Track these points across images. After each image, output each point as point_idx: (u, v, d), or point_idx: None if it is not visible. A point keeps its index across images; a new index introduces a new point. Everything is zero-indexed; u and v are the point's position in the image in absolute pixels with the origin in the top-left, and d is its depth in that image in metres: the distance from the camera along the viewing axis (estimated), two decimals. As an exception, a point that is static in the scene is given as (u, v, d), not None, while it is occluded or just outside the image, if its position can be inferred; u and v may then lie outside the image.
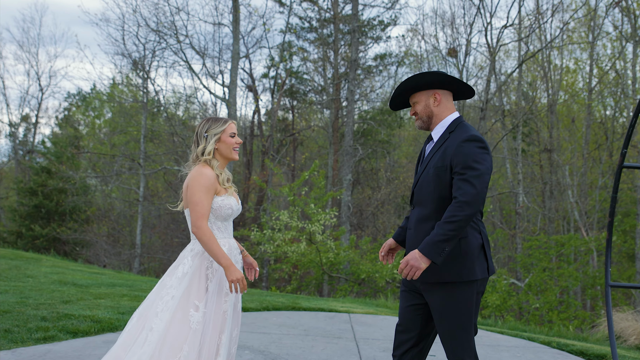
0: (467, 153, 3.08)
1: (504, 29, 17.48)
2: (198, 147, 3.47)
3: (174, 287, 3.27)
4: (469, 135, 3.15)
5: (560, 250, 16.78)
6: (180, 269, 3.33)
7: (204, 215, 3.29)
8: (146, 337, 3.16)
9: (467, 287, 3.14)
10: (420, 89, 3.34)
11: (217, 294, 3.30)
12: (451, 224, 2.98)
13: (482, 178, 3.04)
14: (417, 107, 3.36)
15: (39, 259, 13.78)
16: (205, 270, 3.33)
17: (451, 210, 3.00)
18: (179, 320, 3.17)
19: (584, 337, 8.95)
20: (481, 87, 23.81)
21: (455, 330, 3.17)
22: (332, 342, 6.12)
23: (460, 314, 3.15)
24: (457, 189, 3.04)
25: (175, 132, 22.10)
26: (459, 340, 3.18)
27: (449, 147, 3.18)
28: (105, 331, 5.97)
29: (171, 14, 20.53)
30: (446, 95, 3.34)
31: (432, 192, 3.19)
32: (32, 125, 34.39)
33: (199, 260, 3.34)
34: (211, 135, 3.46)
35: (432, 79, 3.27)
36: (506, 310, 15.07)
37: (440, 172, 3.16)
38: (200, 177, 3.33)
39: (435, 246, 2.99)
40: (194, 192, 3.31)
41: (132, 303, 7.69)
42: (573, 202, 20.96)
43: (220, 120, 3.52)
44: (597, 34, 21.88)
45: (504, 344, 6.79)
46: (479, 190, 3.02)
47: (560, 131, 23.55)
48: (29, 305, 6.91)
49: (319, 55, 25.38)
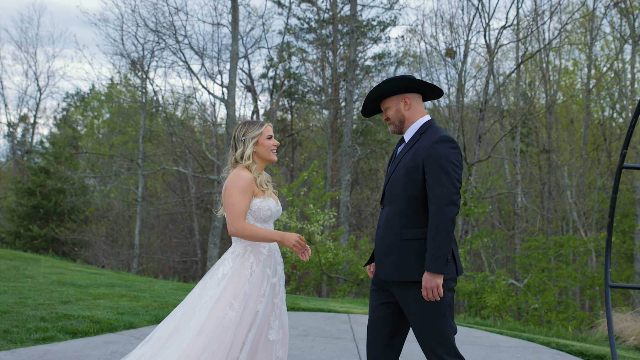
0: (439, 154, 3.15)
1: (502, 29, 17.49)
2: (236, 151, 3.50)
3: (213, 287, 3.34)
4: (440, 136, 3.21)
5: (559, 250, 16.81)
6: (220, 270, 3.40)
7: (239, 215, 3.34)
8: (182, 334, 3.24)
9: (442, 284, 3.18)
10: (390, 95, 3.41)
11: (254, 295, 3.36)
12: (439, 234, 3.07)
13: (455, 178, 3.13)
14: (388, 113, 3.44)
15: (37, 259, 13.75)
16: (245, 272, 3.39)
17: (434, 221, 3.08)
18: (214, 319, 3.23)
19: (583, 337, 8.96)
20: (480, 87, 23.84)
21: (431, 329, 3.21)
22: (331, 342, 6.11)
23: (434, 312, 3.19)
24: (432, 192, 3.11)
25: (174, 132, 22.08)
26: (436, 339, 3.20)
27: (420, 148, 3.24)
28: (105, 331, 5.96)
29: (170, 14, 20.51)
30: (416, 99, 3.42)
31: (403, 191, 3.25)
32: (31, 125, 34.36)
33: (239, 262, 3.41)
34: (249, 138, 3.50)
35: (401, 83, 3.36)
36: (505, 310, 15.09)
37: (411, 172, 3.22)
38: (237, 179, 3.39)
39: (437, 260, 3.07)
40: (231, 193, 3.37)
41: (132, 303, 7.68)
42: (572, 203, 20.98)
43: (256, 123, 3.55)
44: (595, 35, 21.91)
45: (503, 344, 6.79)
46: (455, 191, 3.10)
47: (559, 132, 23.57)
48: (28, 305, 6.90)
49: (317, 56, 25.39)
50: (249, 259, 3.41)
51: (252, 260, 3.41)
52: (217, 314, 3.24)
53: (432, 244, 3.08)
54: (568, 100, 23.25)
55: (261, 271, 3.41)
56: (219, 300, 3.28)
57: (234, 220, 3.34)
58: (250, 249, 3.44)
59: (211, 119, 25.47)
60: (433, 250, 3.07)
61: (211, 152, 23.97)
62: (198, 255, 24.52)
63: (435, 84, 22.72)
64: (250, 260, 3.41)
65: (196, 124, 27.79)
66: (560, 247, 16.92)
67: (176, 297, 8.65)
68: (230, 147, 3.59)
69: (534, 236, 19.00)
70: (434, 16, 26.18)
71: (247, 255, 3.42)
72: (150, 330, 6.19)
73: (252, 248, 3.45)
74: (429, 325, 3.20)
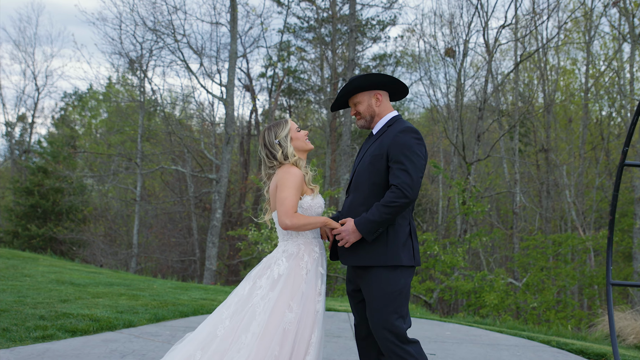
0: (403, 143, 3.26)
1: (501, 28, 17.48)
2: (277, 155, 3.48)
3: (264, 288, 3.31)
4: (405, 127, 3.35)
5: (558, 249, 16.81)
6: (275, 270, 3.36)
7: (292, 208, 3.32)
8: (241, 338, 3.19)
9: (394, 271, 3.27)
10: (364, 89, 3.51)
11: (311, 295, 3.34)
12: (389, 207, 3.17)
13: (417, 167, 3.22)
14: (359, 107, 3.54)
15: (35, 258, 13.72)
16: (301, 272, 3.36)
17: (390, 196, 3.18)
18: (274, 322, 3.20)
19: (583, 336, 8.96)
20: (478, 87, 23.85)
21: (382, 315, 3.25)
22: (331, 340, 6.10)
23: (388, 298, 3.25)
24: (395, 178, 3.21)
25: (173, 131, 22.05)
26: (386, 325, 3.24)
27: (385, 137, 3.36)
28: (104, 330, 5.95)
29: (168, 13, 20.48)
30: (385, 96, 3.55)
31: (368, 179, 3.35)
32: (29, 125, 34.31)
33: (294, 262, 3.38)
34: (283, 138, 3.51)
35: (377, 80, 3.47)
36: (504, 309, 15.08)
37: (376, 160, 3.33)
38: (289, 176, 3.38)
39: (371, 224, 3.19)
40: (283, 188, 3.35)
41: (131, 302, 7.66)
42: (570, 202, 20.99)
43: (281, 123, 3.57)
44: (593, 34, 21.93)
45: (504, 342, 6.78)
46: (415, 179, 3.19)
47: (557, 131, 23.58)
48: (27, 304, 6.87)
49: (316, 55, 25.38)
50: (304, 259, 3.39)
51: (307, 259, 3.39)
52: (276, 316, 3.21)
53: (375, 210, 3.19)
54: (566, 99, 23.27)
55: (315, 270, 3.40)
56: (277, 302, 3.24)
57: (287, 212, 3.30)
58: (304, 248, 3.43)
59: (210, 118, 25.45)
60: (372, 215, 3.19)
61: (210, 151, 23.94)
62: (196, 255, 24.49)
63: (434, 83, 22.72)
64: (304, 260, 3.39)
65: (194, 123, 27.76)
66: (558, 246, 16.93)
67: (175, 296, 8.63)
68: (263, 156, 3.56)
69: (533, 235, 18.98)
70: (433, 15, 26.17)
71: (301, 254, 3.40)
72: (150, 329, 6.18)
73: (306, 247, 3.43)
74: (379, 311, 3.25)
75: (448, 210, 22.70)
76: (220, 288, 11.31)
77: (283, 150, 3.48)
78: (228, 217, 23.40)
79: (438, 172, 17.93)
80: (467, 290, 15.06)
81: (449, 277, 16.09)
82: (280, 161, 3.48)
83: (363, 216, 3.22)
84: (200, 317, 7.07)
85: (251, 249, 17.85)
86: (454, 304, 19.11)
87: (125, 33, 23.45)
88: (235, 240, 22.32)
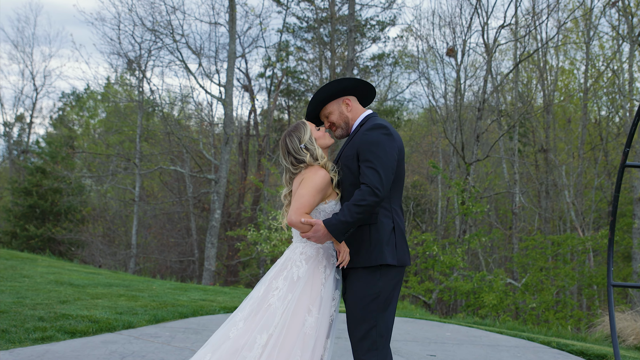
0: (370, 141, 3.16)
1: (501, 28, 17.45)
2: (307, 158, 3.36)
3: (280, 289, 3.21)
4: (373, 124, 3.24)
5: (557, 250, 16.79)
6: (295, 272, 3.25)
7: (305, 207, 3.20)
8: (259, 340, 3.12)
9: (373, 272, 3.16)
10: (330, 99, 3.43)
11: (328, 300, 3.25)
12: (358, 207, 3.05)
13: (386, 164, 3.12)
14: (332, 118, 3.45)
15: (34, 259, 13.69)
16: (320, 275, 3.28)
17: (359, 195, 3.07)
18: (295, 325, 3.13)
19: (583, 337, 8.95)
20: (476, 87, 23.84)
21: (357, 319, 3.16)
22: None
23: (361, 304, 3.15)
24: (364, 176, 3.11)
25: (171, 131, 22.01)
26: (360, 329, 3.15)
27: (356, 137, 3.27)
28: (104, 331, 5.93)
29: (167, 13, 20.46)
30: (354, 100, 3.47)
31: (345, 181, 3.29)
32: (27, 125, 34.26)
33: (313, 264, 3.29)
34: (308, 141, 3.40)
35: (340, 86, 3.39)
36: (503, 309, 15.07)
37: (349, 162, 3.25)
38: (316, 177, 3.26)
39: (341, 225, 3.08)
40: (305, 185, 3.24)
41: (130, 303, 7.64)
42: (569, 203, 20.98)
43: (300, 127, 3.46)
44: (592, 34, 21.91)
45: (504, 343, 6.77)
46: (383, 177, 3.09)
47: (556, 131, 23.58)
48: (26, 305, 6.85)
49: (315, 55, 25.36)
50: (322, 262, 3.30)
51: (325, 263, 3.30)
52: (298, 320, 3.13)
53: (345, 210, 3.09)
54: (565, 100, 23.27)
55: (333, 275, 3.31)
56: (298, 304, 3.16)
57: (298, 209, 3.18)
58: (323, 252, 3.33)
59: (208, 119, 25.41)
60: (342, 216, 3.08)
61: (208, 151, 23.91)
62: (195, 255, 24.46)
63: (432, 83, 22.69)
64: (323, 264, 3.30)
65: (193, 124, 27.73)
66: (558, 246, 16.91)
67: (175, 297, 8.61)
68: (288, 165, 3.44)
69: (532, 235, 18.97)
70: (432, 15, 26.15)
71: (321, 258, 3.30)
72: (149, 330, 6.16)
73: (324, 251, 3.34)
74: (355, 315, 3.16)
75: (447, 211, 22.69)
76: (219, 289, 11.29)
77: (311, 153, 3.37)
78: (227, 218, 23.37)
79: (437, 173, 17.90)
80: (466, 290, 15.05)
81: (448, 277, 16.08)
82: (309, 164, 3.36)
83: (333, 216, 3.12)
84: (200, 319, 7.05)
85: (250, 249, 17.82)
86: (452, 304, 19.10)
87: (123, 33, 23.44)
88: (234, 241, 22.28)
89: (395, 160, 3.19)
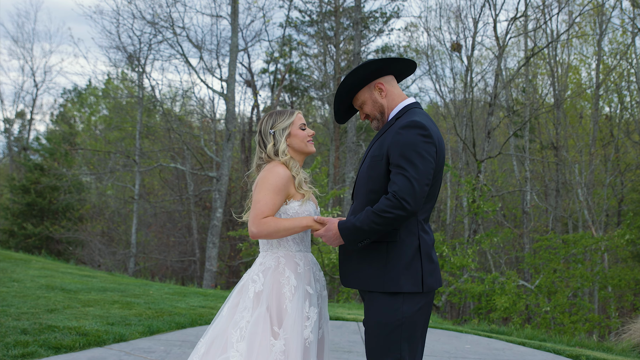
0: (405, 142, 2.59)
1: (513, 20, 16.84)
2: (267, 148, 2.93)
3: (247, 308, 2.75)
4: (409, 121, 2.65)
5: (572, 250, 16.15)
6: (251, 288, 2.80)
7: (263, 213, 2.75)
8: None
9: (393, 298, 2.63)
10: (360, 87, 2.86)
11: (299, 317, 2.74)
12: (380, 217, 2.53)
13: (422, 173, 2.55)
14: (366, 109, 2.89)
15: (28, 260, 13.18)
16: (282, 289, 2.78)
17: (384, 204, 2.54)
18: (259, 352, 2.65)
19: (609, 346, 8.37)
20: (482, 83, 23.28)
21: (376, 351, 2.66)
22: (341, 357, 5.58)
23: (383, 332, 2.63)
24: (393, 184, 2.55)
25: (172, 127, 21.46)
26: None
27: (388, 134, 2.70)
28: (92, 345, 5.43)
29: (167, 6, 19.89)
30: (390, 82, 2.88)
31: (365, 184, 2.73)
32: (27, 121, 33.83)
33: (271, 277, 2.81)
34: (279, 130, 2.94)
35: (368, 69, 2.80)
36: (516, 313, 14.48)
37: (375, 163, 2.70)
38: (270, 175, 2.83)
39: (356, 232, 2.59)
40: (260, 189, 2.80)
41: (124, 311, 7.12)
42: (582, 201, 20.38)
43: (285, 113, 2.98)
44: (604, 28, 21.34)
45: (530, 359, 6.21)
46: (417, 189, 2.53)
47: (567, 128, 22.99)
48: (10, 315, 6.35)
49: (319, 50, 24.79)
50: (284, 274, 2.81)
51: (288, 274, 2.81)
52: (262, 346, 2.65)
53: (365, 216, 2.58)
54: (577, 96, 22.69)
55: (302, 289, 2.81)
56: (261, 326, 2.69)
57: (255, 217, 2.74)
58: (285, 262, 2.85)
59: (210, 115, 24.87)
60: (359, 222, 2.59)
61: (210, 148, 23.36)
62: (196, 255, 23.93)
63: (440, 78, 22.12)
64: (285, 275, 2.81)
65: (194, 120, 27.19)
66: (572, 245, 16.28)
67: (172, 304, 8.09)
68: (257, 144, 3.02)
69: (546, 235, 18.31)
70: (439, 8, 25.52)
71: (282, 269, 2.83)
72: (142, 343, 5.67)
73: (287, 260, 2.85)
74: (375, 346, 2.66)
75: (456, 210, 22.12)
76: (220, 293, 10.74)
77: (275, 144, 2.92)
78: (229, 217, 22.79)
79: (446, 170, 17.32)
80: (477, 293, 14.48)
81: (458, 279, 15.51)
82: (269, 155, 2.93)
83: (349, 220, 2.64)
84: (198, 329, 6.53)
85: (252, 249, 17.30)
86: (462, 306, 18.54)
87: (123, 26, 22.89)
88: (236, 241, 21.76)
89: (433, 168, 2.61)
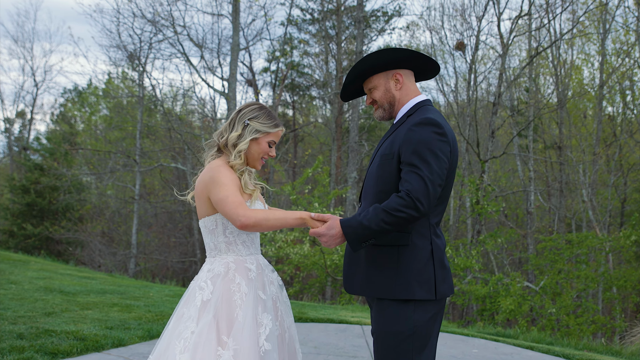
0: (418, 140, 2.45)
1: (517, 18, 16.66)
2: (230, 135, 2.72)
3: (192, 318, 2.56)
4: (423, 117, 2.50)
5: (577, 251, 15.96)
6: (199, 297, 2.61)
7: (241, 203, 2.55)
8: None
9: (404, 305, 2.48)
10: (378, 71, 2.68)
11: (250, 325, 2.56)
12: (390, 216, 2.37)
13: (435, 172, 2.41)
14: (375, 94, 2.72)
15: (27, 261, 13.02)
16: (232, 296, 2.60)
17: (396, 202, 2.37)
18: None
19: (617, 350, 8.21)
20: (487, 83, 23.09)
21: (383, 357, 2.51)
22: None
23: (393, 341, 2.47)
24: (406, 183, 2.40)
25: (173, 127, 21.29)
26: None
27: (400, 132, 2.55)
28: (90, 351, 5.27)
29: (168, 4, 19.71)
30: (408, 76, 2.72)
31: (375, 185, 2.57)
32: (28, 121, 33.69)
33: (221, 284, 2.63)
34: (252, 129, 2.73)
35: (394, 55, 2.62)
36: (521, 315, 14.28)
37: (385, 162, 2.54)
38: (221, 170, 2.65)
39: (363, 231, 2.41)
40: (220, 186, 2.60)
41: (123, 314, 6.96)
42: (587, 201, 20.20)
43: (272, 119, 2.78)
44: (608, 28, 21.18)
45: (541, 363, 6.05)
46: (431, 189, 2.39)
47: (570, 128, 22.81)
48: (7, 318, 6.20)
49: (320, 49, 24.62)
50: (235, 280, 2.63)
51: (239, 281, 2.63)
52: (207, 357, 2.46)
53: (372, 214, 2.40)
54: (580, 96, 22.50)
55: (253, 294, 2.63)
56: (205, 336, 2.50)
57: (237, 209, 2.53)
58: (235, 267, 2.67)
59: (211, 114, 24.69)
60: (366, 220, 2.41)
61: (211, 148, 23.14)
62: (197, 256, 23.76)
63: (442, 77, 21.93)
64: (236, 282, 2.63)
65: (195, 119, 27.02)
66: (576, 246, 16.08)
67: (173, 306, 7.93)
68: (228, 123, 2.80)
69: (551, 236, 18.11)
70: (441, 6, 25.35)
71: (232, 275, 2.64)
72: (142, 348, 5.51)
73: (237, 266, 2.67)
74: (384, 356, 2.51)
75: (459, 210, 21.94)
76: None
77: (239, 138, 2.71)
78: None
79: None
80: (481, 294, 14.29)
81: (462, 280, 15.33)
82: (227, 142, 2.72)
83: (355, 218, 2.46)
84: (200, 333, 6.34)
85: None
86: (466, 309, 18.35)
87: (123, 25, 22.74)
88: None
89: (447, 168, 2.47)
